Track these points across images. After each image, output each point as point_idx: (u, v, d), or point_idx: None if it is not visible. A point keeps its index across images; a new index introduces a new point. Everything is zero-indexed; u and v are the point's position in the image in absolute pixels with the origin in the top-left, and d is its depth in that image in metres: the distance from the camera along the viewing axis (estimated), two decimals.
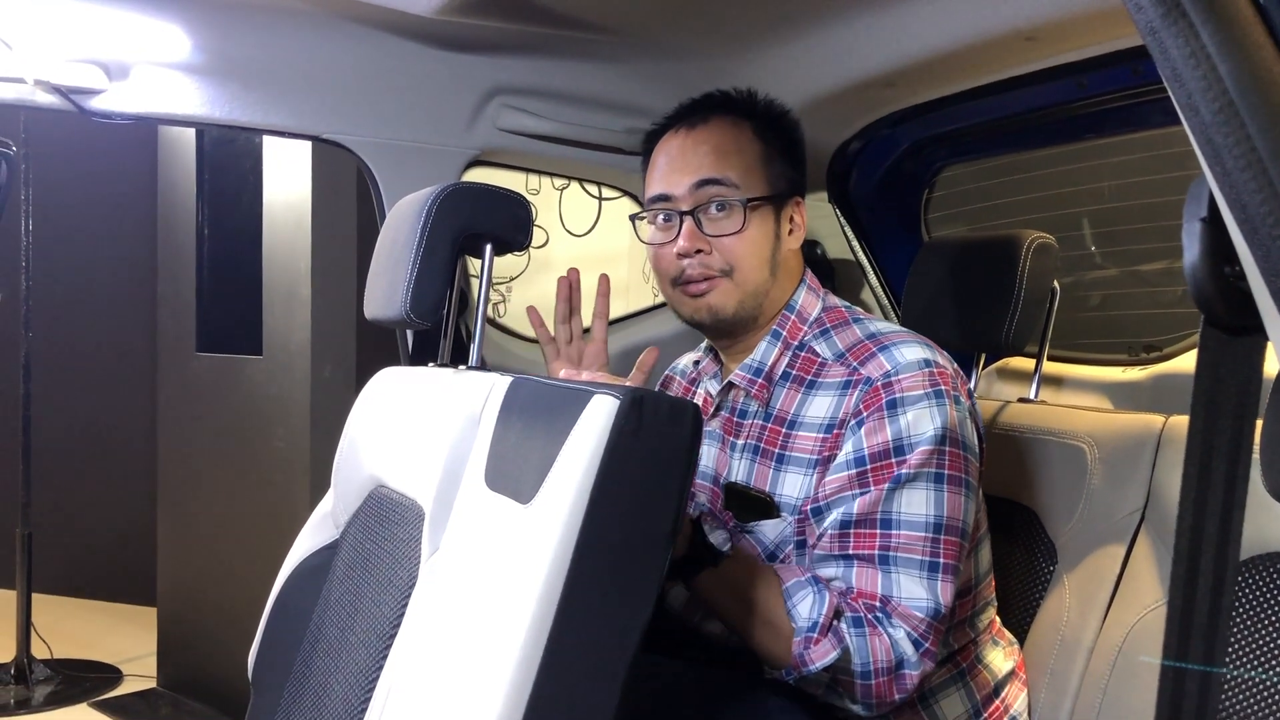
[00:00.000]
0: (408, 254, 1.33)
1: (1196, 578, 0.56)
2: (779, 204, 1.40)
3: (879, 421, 1.26)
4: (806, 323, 1.40)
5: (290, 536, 1.57)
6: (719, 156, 1.38)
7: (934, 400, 1.26)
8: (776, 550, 1.34)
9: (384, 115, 1.84)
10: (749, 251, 1.36)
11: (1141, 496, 1.47)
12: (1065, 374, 1.94)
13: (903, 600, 1.23)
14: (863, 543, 1.25)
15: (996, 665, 1.40)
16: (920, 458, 1.25)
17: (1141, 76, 1.61)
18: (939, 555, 1.24)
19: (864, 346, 1.34)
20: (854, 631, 1.21)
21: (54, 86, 1.64)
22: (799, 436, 1.34)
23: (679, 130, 1.43)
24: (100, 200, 4.37)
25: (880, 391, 1.27)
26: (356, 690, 1.16)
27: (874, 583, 1.24)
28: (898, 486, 1.25)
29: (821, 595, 1.22)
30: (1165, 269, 2.02)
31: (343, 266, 3.09)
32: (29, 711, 3.32)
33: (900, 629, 1.22)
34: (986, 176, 2.27)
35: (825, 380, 1.34)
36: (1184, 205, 0.57)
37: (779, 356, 1.39)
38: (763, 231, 1.38)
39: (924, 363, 1.29)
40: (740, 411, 1.43)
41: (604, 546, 0.92)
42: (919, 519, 1.24)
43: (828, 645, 1.20)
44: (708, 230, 1.36)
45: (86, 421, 4.51)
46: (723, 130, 1.40)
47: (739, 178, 1.37)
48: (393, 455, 1.35)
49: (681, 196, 1.38)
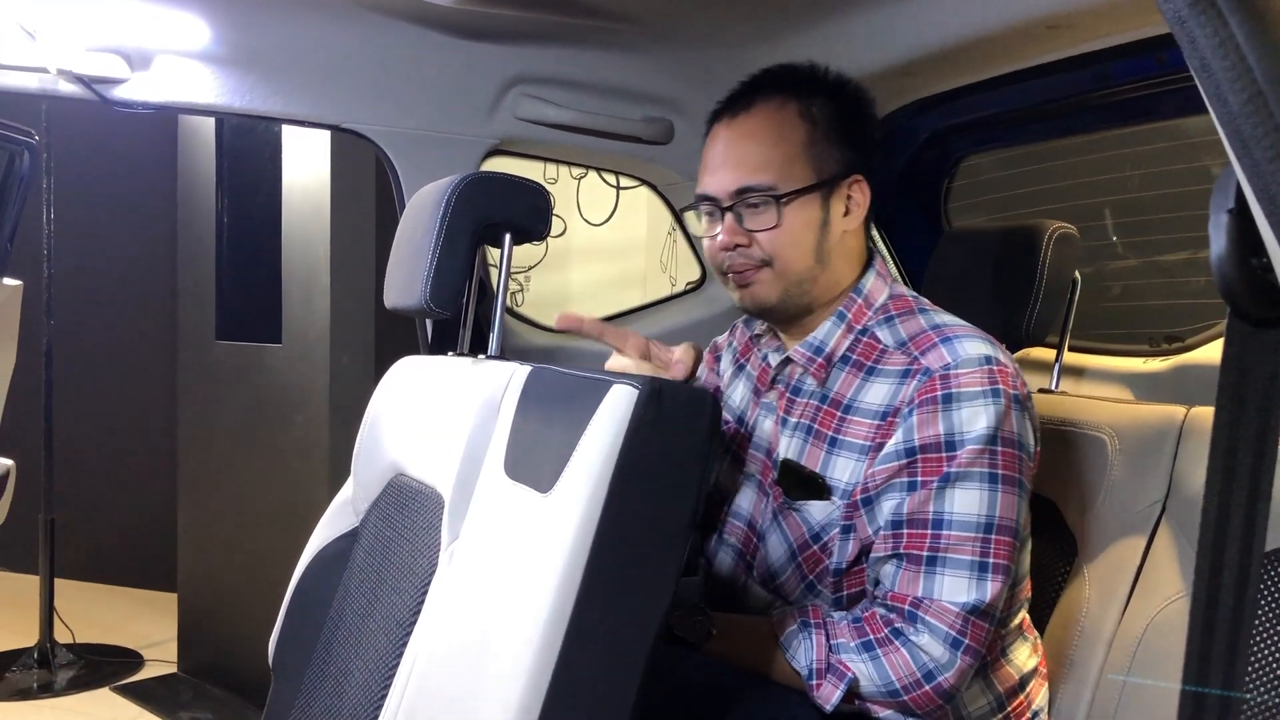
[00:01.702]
0: (427, 243, 1.34)
1: (1221, 570, 0.56)
2: (828, 189, 1.36)
3: (932, 414, 1.25)
4: (872, 308, 1.38)
5: (310, 524, 1.58)
6: (759, 152, 1.35)
7: (990, 398, 1.24)
8: (821, 532, 1.33)
9: (403, 104, 1.85)
10: (788, 243, 1.34)
11: (1163, 488, 1.46)
12: (1086, 364, 1.93)
13: (940, 599, 1.22)
14: (913, 542, 1.24)
15: (1021, 661, 1.39)
16: (971, 455, 1.23)
17: (1166, 66, 1.59)
18: (989, 555, 1.23)
19: (926, 337, 1.31)
20: (864, 657, 1.22)
21: (76, 76, 1.65)
22: (853, 421, 1.33)
23: (723, 120, 1.40)
24: (121, 189, 4.39)
25: (937, 383, 1.26)
26: (377, 676, 1.17)
27: (914, 585, 1.23)
28: (948, 485, 1.23)
29: (809, 639, 1.25)
30: (1188, 259, 2.01)
31: (362, 255, 3.10)
32: (52, 695, 3.35)
33: (924, 634, 1.21)
34: (1007, 166, 2.26)
35: (885, 367, 1.33)
36: (1210, 196, 0.56)
37: (841, 339, 1.37)
38: (804, 221, 1.35)
39: (985, 359, 1.26)
40: (794, 388, 1.42)
41: (623, 536, 0.92)
42: (970, 518, 1.23)
43: (829, 687, 1.23)
44: (747, 224, 1.35)
45: (108, 409, 4.54)
46: (765, 118, 1.36)
47: (777, 174, 1.33)
48: (412, 444, 1.35)
49: (721, 197, 1.36)
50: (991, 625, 1.25)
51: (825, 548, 1.34)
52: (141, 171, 4.27)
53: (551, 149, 2.09)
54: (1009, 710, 1.37)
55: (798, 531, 1.36)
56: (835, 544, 1.33)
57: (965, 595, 1.22)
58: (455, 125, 1.89)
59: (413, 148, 1.86)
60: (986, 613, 1.23)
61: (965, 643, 1.22)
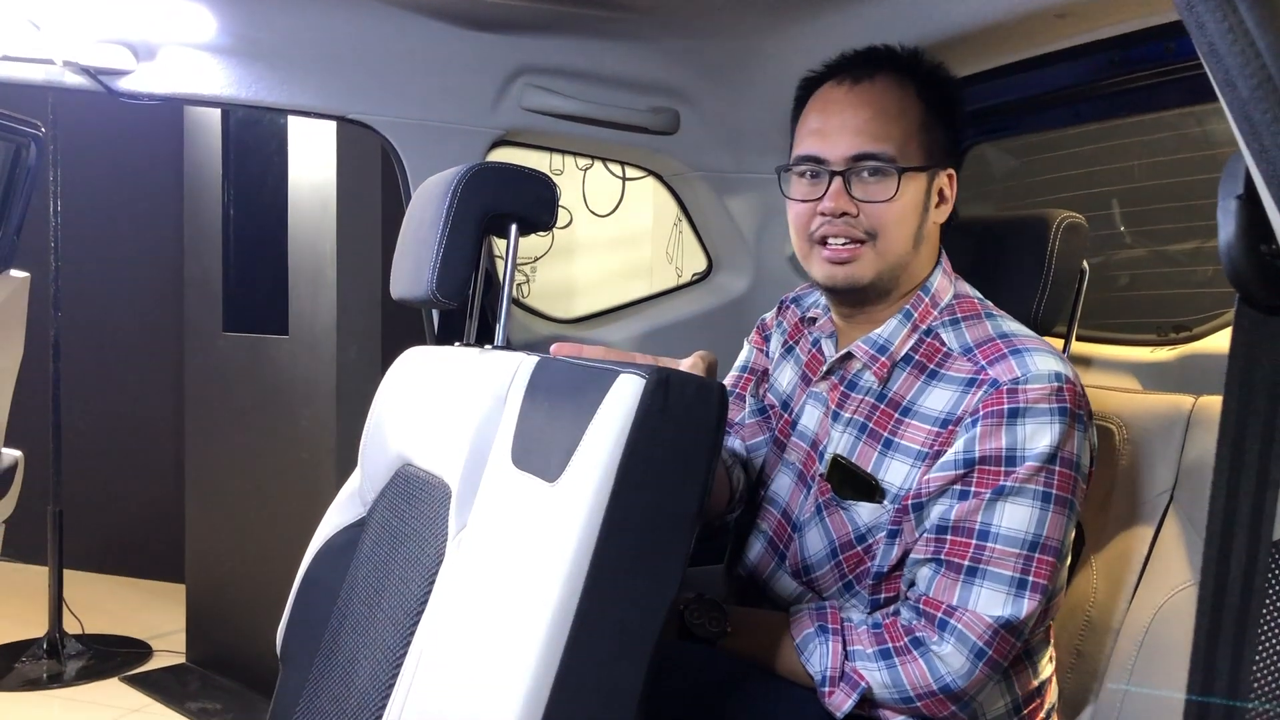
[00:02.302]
0: (433, 234, 1.34)
1: (1229, 558, 0.55)
2: (932, 174, 1.34)
3: (996, 427, 1.22)
4: (938, 308, 1.35)
5: (317, 514, 1.59)
6: (881, 122, 1.31)
7: (1056, 417, 1.22)
8: (867, 534, 1.31)
9: (409, 95, 1.84)
10: (897, 220, 1.30)
11: (1170, 477, 1.46)
12: (1094, 354, 1.93)
13: (974, 610, 1.21)
14: (956, 549, 1.23)
15: (1041, 665, 1.38)
16: (1028, 472, 1.21)
17: (1175, 53, 1.58)
18: (1029, 573, 1.21)
19: (995, 345, 1.28)
20: (879, 665, 1.22)
21: (82, 67, 1.65)
22: (912, 425, 1.30)
23: (842, 82, 1.35)
24: (127, 181, 4.40)
25: (1004, 396, 1.23)
26: (384, 666, 1.17)
27: (950, 593, 1.22)
28: (1000, 497, 1.21)
29: (826, 646, 1.24)
30: (1196, 249, 2.00)
31: (368, 247, 3.10)
32: (61, 685, 3.37)
33: (947, 644, 1.20)
34: (1015, 155, 2.25)
35: (949, 373, 1.30)
36: (1219, 183, 0.56)
37: (905, 339, 1.34)
38: (913, 201, 1.32)
39: (1055, 376, 1.23)
40: (850, 383, 1.39)
41: (630, 525, 0.92)
42: (1017, 534, 1.21)
43: (841, 695, 1.22)
44: (856, 193, 1.30)
45: (115, 400, 4.55)
46: (888, 90, 1.33)
47: (897, 148, 1.30)
48: (419, 434, 1.35)
49: (834, 161, 1.31)
50: (1019, 641, 1.24)
51: (869, 550, 1.32)
52: (148, 164, 4.28)
53: (557, 139, 2.09)
54: (1025, 712, 1.36)
55: (842, 530, 1.34)
56: (879, 547, 1.31)
57: (1000, 609, 1.20)
58: (461, 116, 1.89)
59: (418, 138, 1.86)
60: (1017, 629, 1.22)
61: (989, 654, 1.21)
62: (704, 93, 2.04)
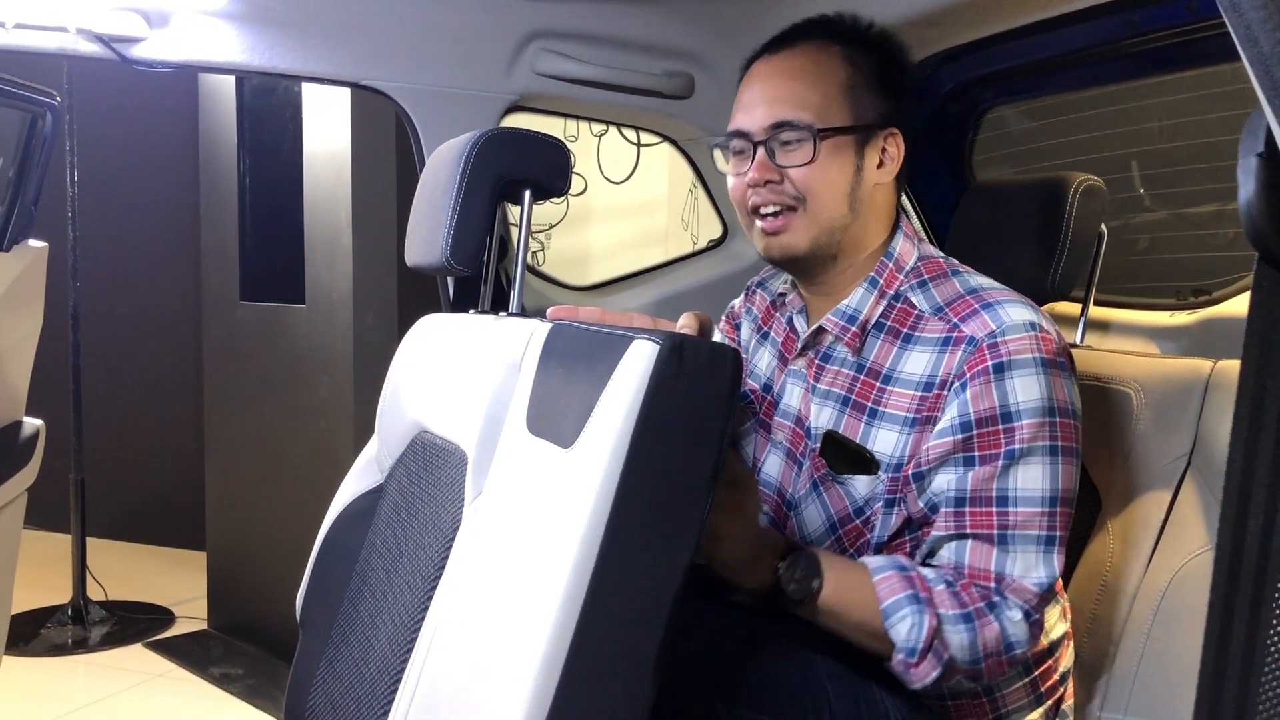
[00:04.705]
0: (447, 200, 1.33)
1: (1246, 519, 0.55)
2: (864, 135, 1.34)
3: (985, 386, 1.23)
4: (903, 272, 1.36)
5: (335, 481, 1.60)
6: (796, 88, 1.32)
7: (1042, 368, 1.23)
8: (865, 506, 1.32)
9: (422, 61, 1.84)
10: (822, 182, 1.32)
11: (1188, 442, 1.45)
12: (1112, 319, 1.92)
13: (1018, 577, 1.22)
14: (980, 521, 1.23)
15: (1050, 624, 1.37)
16: (1032, 430, 1.21)
17: (1197, 13, 1.56)
18: (1054, 529, 1.23)
19: (965, 302, 1.29)
20: (962, 628, 1.19)
21: (96, 35, 1.64)
22: (895, 392, 1.30)
23: (762, 59, 1.38)
24: (143, 151, 4.40)
25: (985, 353, 1.23)
26: (403, 631, 1.18)
27: (988, 560, 1.23)
28: (1013, 462, 1.22)
29: (921, 618, 1.18)
30: (1216, 212, 1.98)
31: (383, 214, 3.10)
32: (86, 650, 3.41)
33: (1016, 609, 1.21)
34: (1033, 118, 2.23)
35: (923, 334, 1.30)
36: (1240, 141, 0.55)
37: (874, 306, 1.34)
38: (839, 163, 1.32)
39: (1030, 325, 1.24)
40: (825, 356, 1.39)
41: (645, 490, 0.92)
42: (1036, 494, 1.22)
43: (928, 667, 1.19)
44: (780, 161, 1.32)
45: (135, 369, 4.58)
46: (806, 56, 1.34)
47: (815, 112, 1.31)
48: (435, 401, 1.36)
49: (755, 132, 1.34)
50: (1053, 596, 1.26)
51: (868, 522, 1.32)
52: (163, 133, 4.28)
53: (571, 105, 2.08)
54: (1036, 674, 1.36)
55: (840, 504, 1.34)
56: (878, 518, 1.31)
57: (1038, 572, 1.22)
58: (475, 81, 1.88)
59: (432, 104, 1.85)
60: (1053, 587, 1.24)
61: (1036, 617, 1.23)
62: (718, 56, 2.03)
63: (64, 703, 3.02)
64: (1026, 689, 1.35)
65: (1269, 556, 0.55)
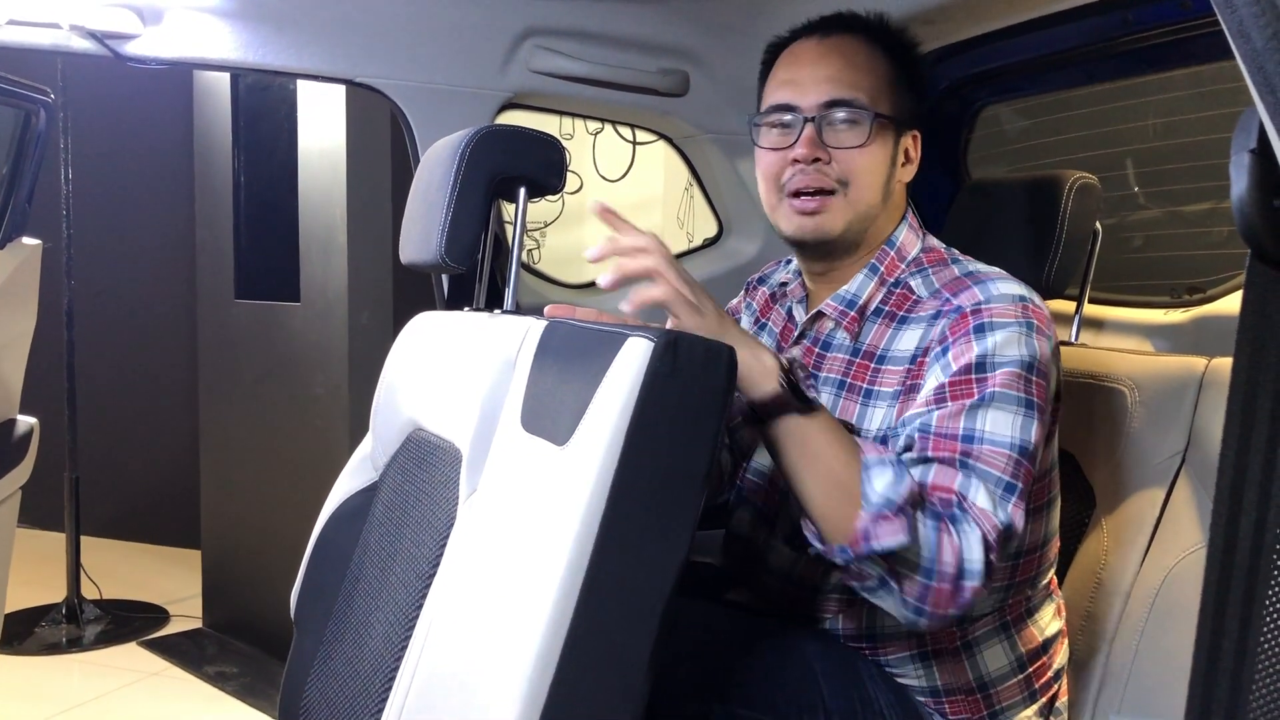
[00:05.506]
0: (442, 198, 1.33)
1: (1239, 516, 0.55)
2: (899, 131, 1.35)
3: (965, 345, 1.21)
4: (904, 261, 1.36)
5: (330, 479, 1.59)
6: (852, 72, 1.32)
7: (1024, 329, 1.21)
8: None
9: (417, 58, 1.83)
10: (868, 167, 1.31)
11: (1182, 440, 1.45)
12: (1106, 316, 1.92)
13: (980, 504, 1.14)
14: (943, 447, 1.17)
15: (1045, 622, 1.37)
16: (1006, 378, 1.19)
17: (1190, 10, 1.56)
18: (1017, 478, 1.16)
19: (959, 282, 1.29)
20: (929, 523, 1.11)
21: (90, 32, 1.64)
22: (887, 371, 1.30)
23: (811, 37, 1.37)
24: (138, 148, 4.39)
25: (969, 317, 1.23)
26: (397, 628, 1.18)
27: (951, 480, 1.15)
28: (982, 404, 1.18)
29: (902, 476, 1.11)
30: (1210, 210, 1.98)
31: (379, 212, 3.09)
32: (80, 649, 3.41)
33: (976, 530, 1.11)
34: (1028, 116, 2.23)
35: (917, 315, 1.30)
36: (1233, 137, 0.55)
37: (874, 292, 1.35)
38: (884, 151, 1.33)
39: (1018, 298, 1.24)
40: (824, 343, 1.39)
41: (639, 487, 0.92)
42: (1003, 439, 1.17)
43: (897, 527, 1.08)
44: (828, 140, 1.31)
45: (129, 368, 4.57)
46: (857, 45, 1.34)
47: (870, 96, 1.31)
48: (430, 399, 1.36)
49: (806, 108, 1.32)
50: (1007, 554, 1.19)
51: None
52: (158, 130, 4.27)
53: (566, 102, 2.08)
54: (1030, 671, 1.36)
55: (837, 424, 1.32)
56: None
57: (998, 513, 1.14)
58: (469, 78, 1.87)
59: (427, 102, 1.85)
60: (1010, 538, 1.15)
61: (991, 559, 1.11)
62: (713, 53, 2.03)
63: (58, 702, 3.01)
64: (1020, 686, 1.35)
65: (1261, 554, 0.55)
